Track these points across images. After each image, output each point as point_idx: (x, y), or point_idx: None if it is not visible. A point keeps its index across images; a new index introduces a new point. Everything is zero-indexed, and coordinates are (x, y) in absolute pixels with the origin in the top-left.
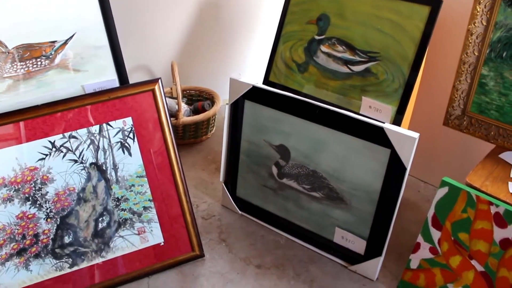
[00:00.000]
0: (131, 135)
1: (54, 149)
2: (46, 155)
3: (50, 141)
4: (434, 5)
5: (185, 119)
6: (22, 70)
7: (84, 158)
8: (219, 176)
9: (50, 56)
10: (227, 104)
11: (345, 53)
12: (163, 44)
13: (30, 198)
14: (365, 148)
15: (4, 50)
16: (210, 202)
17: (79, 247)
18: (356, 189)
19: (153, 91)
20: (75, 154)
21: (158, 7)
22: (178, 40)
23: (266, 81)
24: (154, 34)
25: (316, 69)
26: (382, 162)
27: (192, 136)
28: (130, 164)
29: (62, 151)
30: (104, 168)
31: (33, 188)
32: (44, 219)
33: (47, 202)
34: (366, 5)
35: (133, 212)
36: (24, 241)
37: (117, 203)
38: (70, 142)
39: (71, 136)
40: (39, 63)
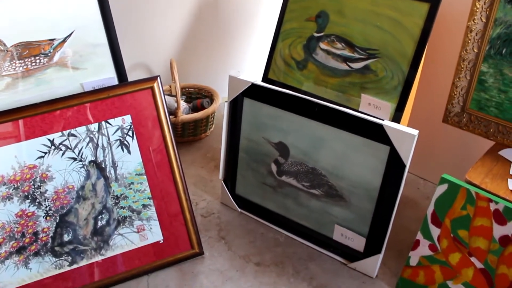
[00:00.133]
0: (130, 133)
1: (53, 147)
2: (45, 153)
3: (49, 139)
4: (434, 2)
5: (184, 117)
6: (21, 68)
7: (83, 156)
8: (218, 174)
9: (49, 54)
10: (226, 102)
11: (344, 50)
12: (162, 42)
13: (29, 196)
14: (365, 146)
15: (3, 48)
16: (210, 200)
17: (79, 245)
18: (356, 187)
19: (152, 89)
20: (74, 152)
21: (157, 5)
22: (177, 38)
23: (265, 79)
24: (153, 32)
25: (315, 67)
26: (382, 159)
27: (191, 134)
28: (129, 162)
29: (61, 149)
30: (103, 166)
31: (32, 186)
32: (44, 217)
33: (46, 200)
34: (365, 2)
35: (133, 210)
36: (24, 239)
37: (116, 201)
38: (69, 140)
39: (70, 134)
40: (38, 61)
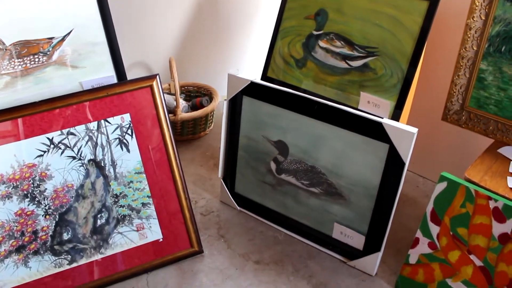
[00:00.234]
0: (129, 132)
1: (52, 146)
2: (45, 152)
3: (48, 138)
4: (433, 0)
5: (183, 115)
6: (20, 67)
7: (83, 155)
8: (218, 172)
9: (48, 53)
10: (226, 100)
11: (343, 48)
12: (161, 40)
13: (29, 195)
14: (364, 144)
15: (2, 47)
16: (209, 198)
17: (78, 244)
18: (355, 185)
19: (151, 87)
20: (73, 151)
21: (156, 3)
22: (176, 36)
23: (264, 77)
24: (152, 30)
25: (314, 65)
26: (381, 158)
27: (191, 132)
28: (129, 161)
29: (60, 148)
30: (103, 165)
31: (32, 185)
32: (43, 216)
33: (46, 199)
34: (364, 0)
35: (132, 209)
36: (23, 238)
37: (116, 200)
38: (68, 139)
39: (69, 133)
40: (37, 60)
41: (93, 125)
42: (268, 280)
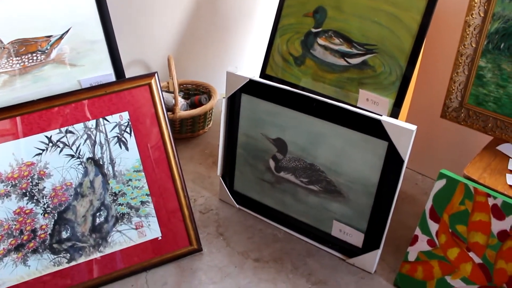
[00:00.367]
0: (128, 130)
1: (51, 144)
2: (43, 150)
3: (47, 136)
4: None
5: (182, 113)
6: (18, 65)
7: (81, 153)
8: (217, 170)
9: (46, 51)
10: (224, 98)
11: (342, 46)
12: (160, 38)
13: (27, 194)
14: (363, 141)
15: (0, 45)
16: (208, 196)
17: (77, 242)
18: (354, 182)
19: (150, 85)
20: (72, 149)
21: (155, 1)
22: (175, 34)
23: (263, 75)
24: (151, 28)
25: (313, 62)
26: (380, 155)
27: (189, 130)
28: (127, 159)
29: (59, 146)
30: (101, 163)
31: (30, 184)
32: (42, 214)
33: (44, 197)
34: None
35: (131, 207)
36: (22, 237)
37: (115, 198)
38: (67, 137)
39: (68, 131)
40: (35, 58)
41: (92, 123)
42: (267, 278)
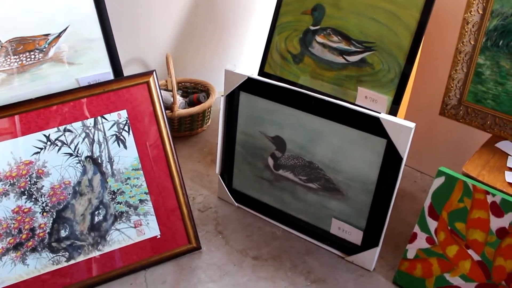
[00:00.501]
0: (126, 128)
1: (49, 143)
2: (41, 149)
3: (45, 135)
4: None
5: (181, 112)
6: (16, 64)
7: (80, 152)
8: (215, 168)
9: (44, 49)
10: (223, 96)
11: (341, 44)
12: (158, 36)
13: (26, 192)
14: (361, 139)
15: None
16: (206, 194)
17: (76, 241)
18: (353, 180)
19: (148, 84)
20: (70, 148)
21: None
22: (173, 32)
23: (262, 73)
24: (149, 26)
25: (312, 60)
26: (378, 153)
27: (188, 129)
28: (126, 157)
29: (57, 145)
30: (100, 162)
31: (29, 182)
32: (40, 213)
33: (43, 196)
34: None
35: (129, 205)
36: (21, 235)
37: (113, 196)
38: (65, 136)
39: (66, 130)
40: (33, 57)
41: (90, 122)
42: (266, 276)
